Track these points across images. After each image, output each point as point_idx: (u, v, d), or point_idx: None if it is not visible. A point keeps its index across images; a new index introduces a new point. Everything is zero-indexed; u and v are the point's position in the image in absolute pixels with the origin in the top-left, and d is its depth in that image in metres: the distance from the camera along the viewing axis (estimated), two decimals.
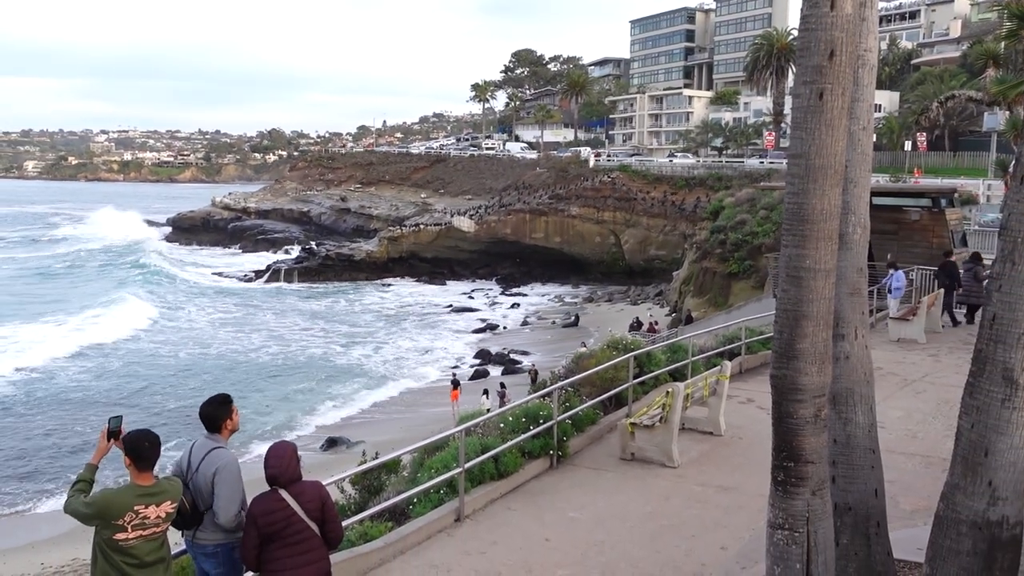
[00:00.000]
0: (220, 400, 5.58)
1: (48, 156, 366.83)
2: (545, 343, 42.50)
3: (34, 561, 18.31)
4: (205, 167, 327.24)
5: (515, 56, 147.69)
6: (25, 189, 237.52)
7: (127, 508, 4.81)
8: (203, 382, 34.02)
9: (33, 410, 30.26)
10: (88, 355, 38.35)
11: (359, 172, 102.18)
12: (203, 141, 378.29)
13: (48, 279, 64.82)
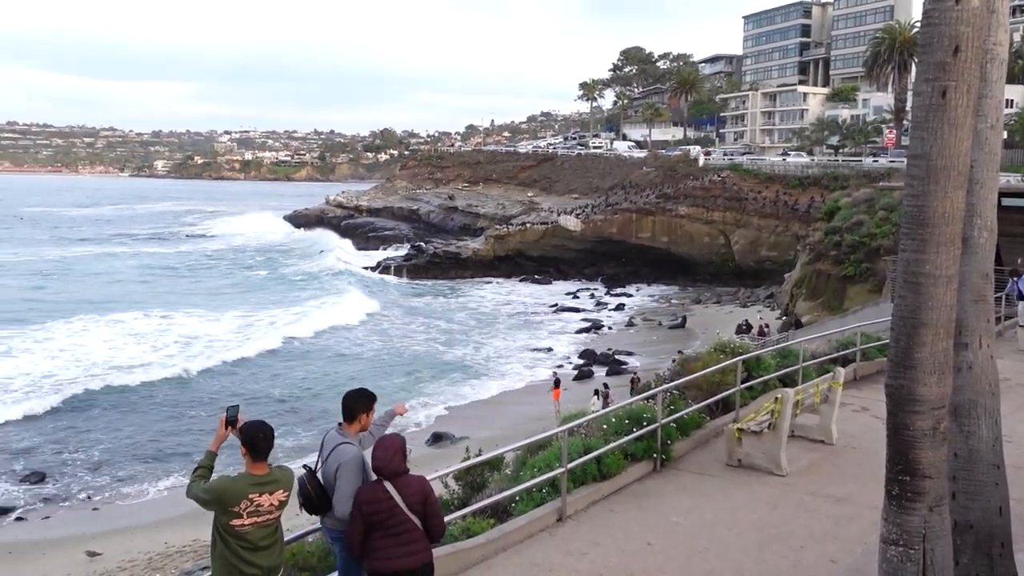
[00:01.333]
0: (364, 394, 5.88)
1: (176, 156, 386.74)
2: (651, 344, 42.04)
3: (157, 540, 19.36)
4: (320, 166, 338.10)
5: (623, 54, 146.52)
6: (156, 187, 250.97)
7: (242, 496, 5.07)
8: (309, 373, 35.07)
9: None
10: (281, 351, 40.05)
11: (467, 171, 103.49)
12: (318, 141, 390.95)
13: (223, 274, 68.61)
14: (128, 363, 35.66)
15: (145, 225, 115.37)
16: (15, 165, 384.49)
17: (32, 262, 72.22)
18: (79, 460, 25.09)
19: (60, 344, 39.01)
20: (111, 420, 28.52)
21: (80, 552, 18.87)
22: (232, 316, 47.32)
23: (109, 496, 22.86)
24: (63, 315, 45.47)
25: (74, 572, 17.93)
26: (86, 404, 29.87)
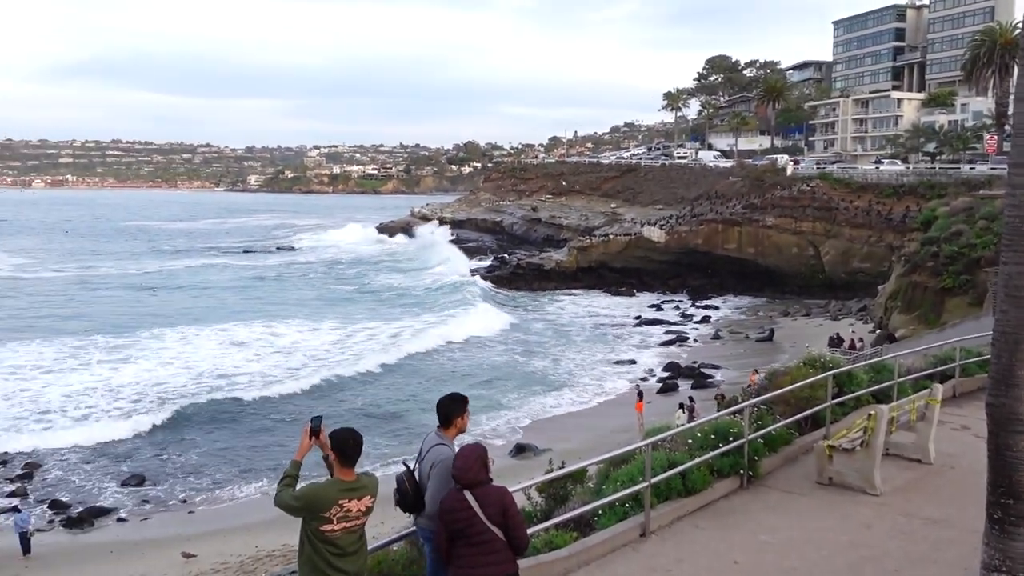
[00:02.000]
0: (456, 398, 6.04)
1: (268, 170, 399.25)
2: (737, 357, 41.24)
3: (249, 543, 19.94)
4: (405, 179, 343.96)
5: (709, 63, 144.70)
6: (248, 201, 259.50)
7: (332, 502, 5.21)
8: (394, 382, 35.55)
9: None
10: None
11: (550, 183, 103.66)
12: (404, 154, 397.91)
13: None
14: (232, 372, 36.78)
15: (239, 238, 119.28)
16: (119, 181, 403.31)
17: (132, 275, 75.27)
18: (177, 465, 26.03)
19: (169, 353, 40.41)
20: (211, 427, 29.43)
21: (176, 553, 19.58)
22: (328, 327, 48.20)
23: (204, 500, 23.66)
24: (167, 325, 47.15)
25: (171, 572, 18.62)
26: (189, 412, 30.87)
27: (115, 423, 29.37)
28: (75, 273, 76.47)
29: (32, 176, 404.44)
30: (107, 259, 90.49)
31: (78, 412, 30.42)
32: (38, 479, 24.71)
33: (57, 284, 69.05)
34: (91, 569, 19.11)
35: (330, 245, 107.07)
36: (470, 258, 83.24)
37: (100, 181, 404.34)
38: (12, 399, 31.83)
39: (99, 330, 45.57)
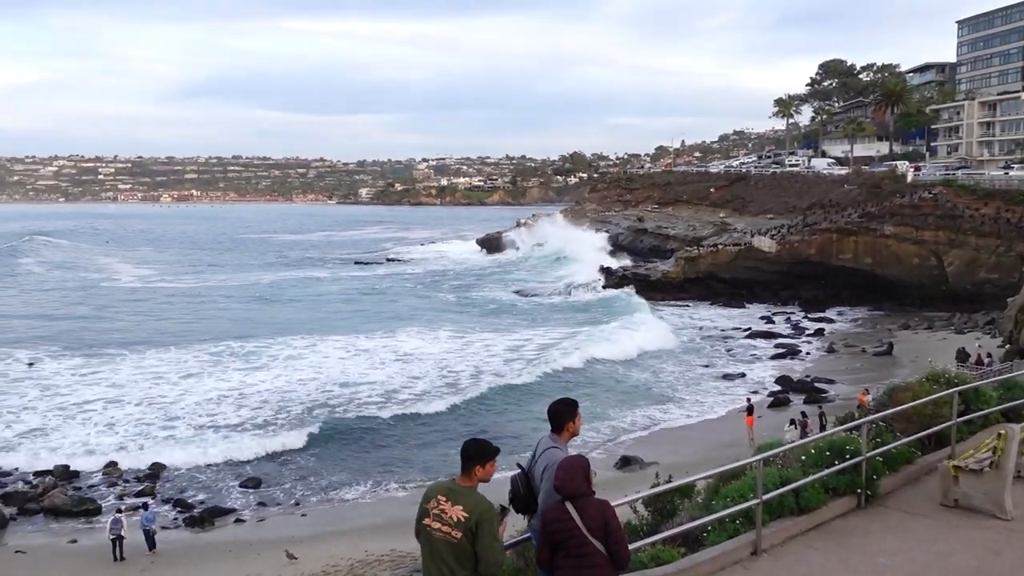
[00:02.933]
0: (567, 402, 6.10)
1: (378, 183, 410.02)
2: (853, 372, 39.69)
3: (359, 547, 20.41)
4: (511, 190, 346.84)
5: (823, 67, 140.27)
6: (360, 213, 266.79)
7: (433, 495, 5.31)
8: (511, 399, 35.51)
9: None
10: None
11: (656, 192, 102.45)
12: (510, 166, 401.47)
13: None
14: (355, 380, 37.64)
15: (350, 250, 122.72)
16: (239, 195, 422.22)
17: (248, 286, 78.22)
18: (293, 468, 26.85)
19: (294, 362, 41.53)
20: (329, 433, 30.07)
21: (288, 553, 20.23)
22: (446, 335, 48.80)
23: (317, 503, 24.36)
24: (288, 334, 48.50)
25: (285, 573, 19.23)
26: (309, 418, 31.74)
27: (240, 427, 30.54)
28: (192, 284, 79.79)
29: (160, 191, 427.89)
30: (223, 270, 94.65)
31: (207, 417, 31.64)
32: (164, 479, 25.91)
33: (177, 294, 72.59)
34: (211, 566, 19.94)
35: (438, 256, 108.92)
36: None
37: (222, 195, 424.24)
38: (152, 403, 33.45)
39: (225, 339, 47.27)
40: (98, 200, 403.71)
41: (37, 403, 33.60)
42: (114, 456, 27.36)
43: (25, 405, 33.31)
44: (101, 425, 30.76)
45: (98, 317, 58.56)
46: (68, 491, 24.40)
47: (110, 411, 32.39)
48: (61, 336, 49.15)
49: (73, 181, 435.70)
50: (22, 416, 31.82)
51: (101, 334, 50.35)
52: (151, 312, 61.25)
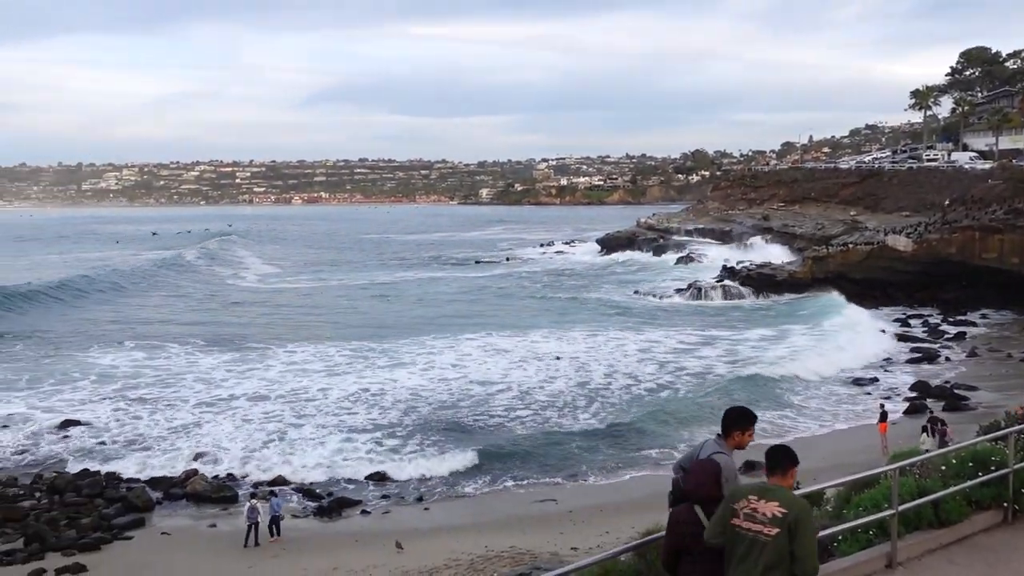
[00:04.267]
0: (744, 413, 6.19)
1: (498, 184, 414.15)
2: (998, 378, 37.33)
3: (479, 543, 20.70)
4: (631, 189, 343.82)
5: (964, 56, 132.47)
6: (480, 213, 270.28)
7: (742, 495, 5.35)
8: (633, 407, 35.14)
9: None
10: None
11: (782, 190, 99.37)
12: (630, 165, 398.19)
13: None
14: (492, 379, 37.99)
15: (470, 249, 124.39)
16: (365, 197, 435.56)
17: (373, 285, 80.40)
18: (416, 462, 27.41)
19: (425, 359, 42.34)
20: (464, 429, 30.63)
21: (414, 545, 20.74)
22: (579, 335, 48.45)
23: (439, 496, 24.84)
24: (419, 334, 49.41)
25: (407, 564, 19.70)
26: (440, 414, 32.37)
27: (376, 423, 31.44)
28: (314, 284, 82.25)
29: (292, 194, 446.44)
30: (343, 269, 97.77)
31: (345, 415, 32.50)
32: (297, 468, 26.99)
33: (303, 292, 75.49)
34: (336, 554, 20.66)
35: (558, 255, 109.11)
36: (697, 268, 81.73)
37: (349, 197, 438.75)
38: (294, 399, 34.83)
39: (359, 338, 48.59)
40: (235, 203, 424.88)
41: (196, 395, 35.76)
42: (255, 445, 28.83)
43: (182, 397, 35.45)
44: (244, 418, 32.24)
45: (233, 313, 61.77)
46: (208, 478, 25.78)
47: (256, 406, 33.91)
48: (209, 332, 51.98)
49: (213, 185, 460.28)
50: (179, 407, 33.91)
51: (240, 330, 53.09)
52: (280, 310, 64.00)
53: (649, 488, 24.91)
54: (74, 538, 21.71)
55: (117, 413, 33.26)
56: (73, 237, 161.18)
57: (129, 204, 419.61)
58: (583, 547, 20.10)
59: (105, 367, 41.56)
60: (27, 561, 20.54)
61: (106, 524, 22.66)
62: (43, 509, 23.70)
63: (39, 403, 34.68)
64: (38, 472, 26.68)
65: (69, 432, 30.81)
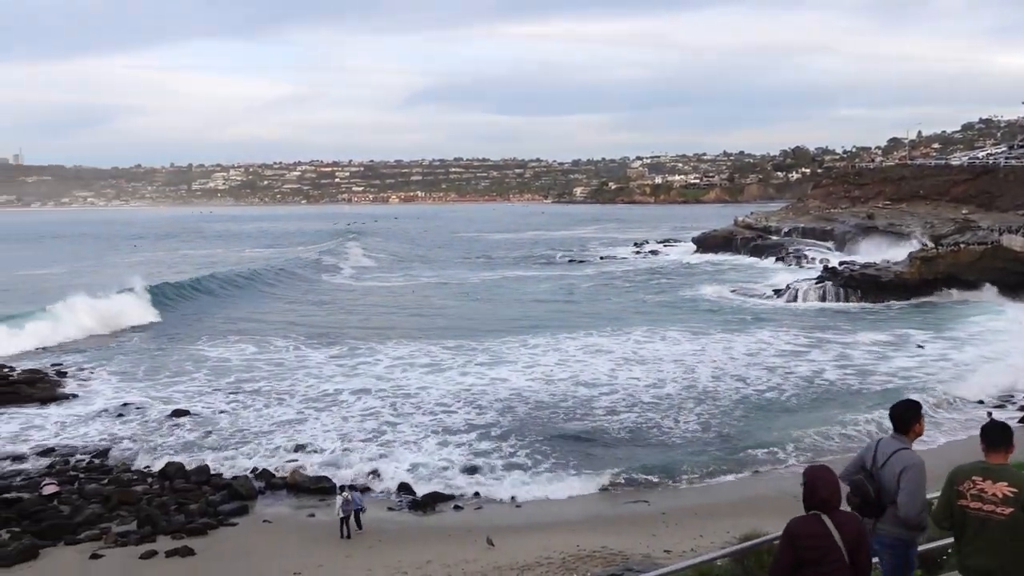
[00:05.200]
0: (911, 403, 6.30)
1: (592, 182, 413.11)
2: None
3: (571, 542, 20.66)
4: (728, 188, 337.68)
5: None
6: (573, 212, 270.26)
7: (966, 477, 5.36)
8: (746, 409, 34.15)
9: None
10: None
11: (888, 188, 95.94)
12: (727, 162, 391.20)
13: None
14: (595, 380, 37.54)
15: (562, 248, 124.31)
16: (459, 195, 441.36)
17: (463, 283, 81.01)
18: (511, 460, 27.55)
19: (524, 359, 42.31)
20: (554, 429, 30.54)
21: (505, 542, 20.88)
22: (680, 336, 47.71)
23: (530, 494, 24.89)
24: (517, 332, 49.67)
25: (499, 559, 19.85)
26: (536, 413, 32.35)
27: (469, 421, 31.75)
28: (408, 282, 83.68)
29: (389, 193, 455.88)
30: (434, 267, 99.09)
31: (442, 413, 32.73)
32: (392, 460, 27.54)
33: (398, 289, 77.00)
34: (428, 548, 20.97)
35: (653, 254, 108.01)
36: (797, 268, 79.55)
37: (444, 196, 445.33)
38: (394, 395, 35.50)
39: (456, 336, 49.21)
40: (335, 202, 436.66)
41: (300, 389, 36.87)
42: (353, 439, 29.59)
43: (287, 391, 36.66)
44: (346, 413, 33.01)
45: (333, 308, 63.49)
46: (308, 470, 26.58)
47: (358, 401, 34.67)
48: (312, 327, 53.72)
49: (313, 185, 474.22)
50: (283, 400, 35.14)
51: (340, 325, 54.65)
52: (378, 306, 65.42)
53: (746, 492, 24.44)
54: (183, 522, 22.72)
55: (225, 404, 34.69)
56: (225, 236, 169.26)
57: (235, 203, 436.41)
58: (676, 550, 19.84)
59: (215, 359, 43.54)
60: (140, 543, 21.63)
61: (212, 510, 23.63)
62: (155, 494, 24.90)
63: (156, 393, 36.55)
64: (151, 459, 28.06)
65: (179, 421, 32.28)
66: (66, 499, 24.38)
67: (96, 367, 41.87)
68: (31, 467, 27.50)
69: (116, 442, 29.92)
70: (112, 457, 28.46)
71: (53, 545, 21.61)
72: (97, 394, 36.85)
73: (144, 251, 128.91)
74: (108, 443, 29.82)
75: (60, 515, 23.15)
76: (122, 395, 36.33)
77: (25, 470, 27.24)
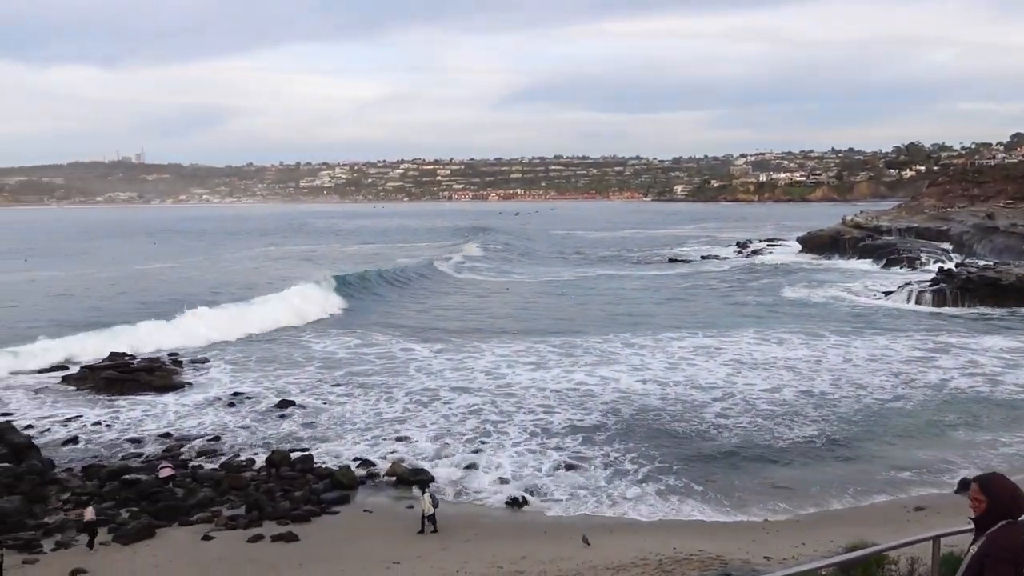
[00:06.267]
0: None
1: (694, 180, 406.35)
2: None
3: (667, 543, 20.40)
4: (836, 185, 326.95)
5: None
6: (674, 210, 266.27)
7: None
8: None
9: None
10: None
11: (1011, 186, 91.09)
12: (835, 160, 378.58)
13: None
14: (696, 381, 37.06)
15: (659, 247, 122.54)
16: (559, 193, 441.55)
17: (562, 281, 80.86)
18: (610, 460, 27.40)
19: (632, 360, 41.79)
20: (659, 430, 30.33)
21: (601, 541, 20.78)
22: (785, 339, 46.36)
23: (629, 495, 24.68)
24: (616, 330, 49.63)
25: (594, 559, 19.77)
26: (642, 416, 32.02)
27: (571, 420, 31.77)
28: (502, 279, 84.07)
29: (488, 191, 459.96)
30: (524, 263, 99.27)
31: (543, 413, 32.77)
32: (489, 459, 27.79)
33: (500, 286, 77.57)
34: (527, 544, 21.06)
35: (756, 253, 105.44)
36: (910, 270, 76.25)
37: (543, 194, 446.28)
38: (498, 393, 35.89)
39: (559, 331, 49.37)
40: (435, 199, 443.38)
41: (402, 383, 37.82)
42: (454, 435, 30.18)
43: (389, 384, 37.58)
44: (447, 410, 33.51)
45: (437, 305, 64.43)
46: (407, 463, 27.11)
47: (460, 397, 35.22)
48: (414, 323, 55.05)
49: (415, 183, 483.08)
50: (386, 394, 36.08)
51: (443, 322, 55.66)
52: (479, 302, 66.12)
53: (855, 502, 23.64)
54: (287, 509, 23.54)
55: (332, 396, 35.85)
56: (360, 232, 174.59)
57: (340, 200, 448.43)
58: (776, 557, 19.36)
59: (320, 352, 45.08)
60: (248, 527, 22.53)
61: (315, 498, 24.39)
62: (261, 480, 25.88)
63: (267, 384, 38.08)
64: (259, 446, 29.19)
65: (286, 411, 33.46)
66: (180, 482, 25.63)
67: (214, 356, 43.92)
68: (149, 451, 29.05)
69: (226, 430, 31.28)
70: (223, 444, 29.76)
71: (168, 525, 22.74)
72: (213, 382, 38.88)
73: (289, 245, 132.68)
74: (219, 430, 31.23)
75: (175, 497, 24.34)
76: (236, 385, 38.07)
77: (143, 453, 28.80)
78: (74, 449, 29.45)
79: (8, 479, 25.26)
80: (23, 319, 54.33)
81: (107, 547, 21.41)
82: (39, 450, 28.14)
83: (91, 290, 71.84)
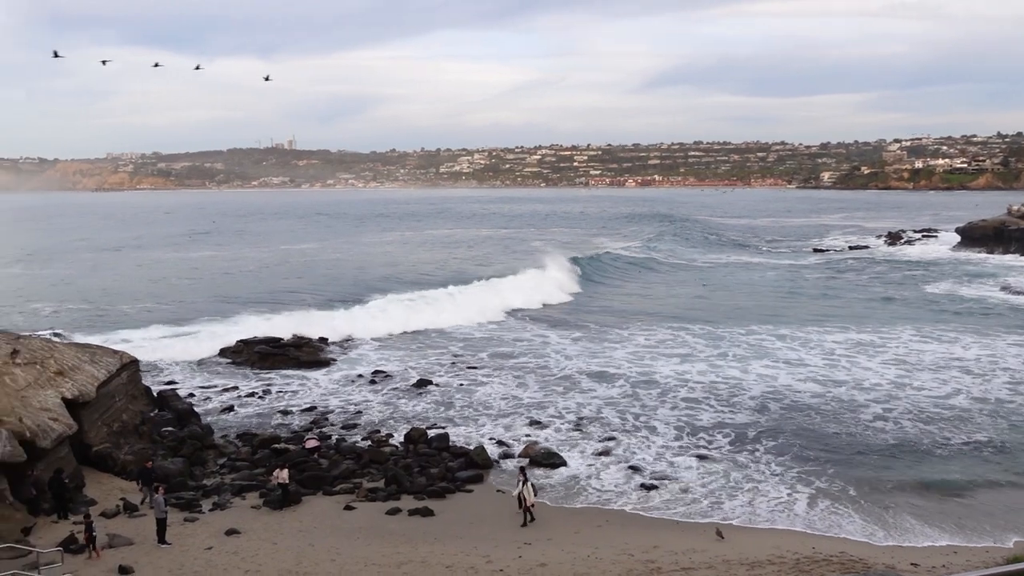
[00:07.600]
0: None
1: (842, 167, 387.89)
2: None
3: (806, 544, 19.77)
4: (1002, 173, 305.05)
5: None
6: (819, 198, 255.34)
7: None
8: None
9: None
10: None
11: None
12: (1001, 145, 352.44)
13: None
14: (864, 383, 35.30)
15: (803, 237, 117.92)
16: (698, 180, 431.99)
17: (701, 266, 79.65)
18: (756, 455, 26.92)
19: (781, 353, 40.77)
20: (809, 429, 29.40)
21: (735, 536, 20.37)
22: (969, 341, 43.28)
23: (765, 490, 24.01)
24: (760, 322, 48.46)
25: (728, 553, 19.40)
26: (791, 413, 31.20)
27: (715, 411, 31.47)
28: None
29: (626, 177, 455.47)
30: (677, 248, 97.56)
31: (687, 408, 32.27)
32: (623, 447, 27.73)
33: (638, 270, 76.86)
34: (659, 533, 20.94)
35: (908, 245, 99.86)
36: None
37: (682, 180, 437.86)
38: (633, 382, 35.79)
39: (705, 319, 49.16)
40: (572, 185, 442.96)
41: (542, 368, 38.38)
42: (590, 419, 30.51)
43: (528, 369, 38.22)
44: (588, 396, 33.77)
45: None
46: (541, 445, 27.45)
47: (600, 386, 35.31)
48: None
49: (552, 168, 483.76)
50: (523, 378, 36.77)
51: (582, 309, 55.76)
52: (629, 291, 65.84)
53: (1009, 508, 22.19)
54: (424, 484, 24.28)
55: (467, 377, 36.81)
56: (537, 216, 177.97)
57: (478, 185, 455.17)
58: (924, 564, 18.44)
59: (461, 337, 46.19)
60: (387, 499, 23.45)
61: (451, 476, 25.06)
62: (400, 455, 26.79)
63: (410, 364, 39.44)
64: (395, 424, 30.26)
65: (425, 390, 34.53)
66: (325, 453, 26.93)
67: (360, 334, 45.72)
68: (296, 423, 30.65)
69: (369, 407, 32.58)
70: (364, 419, 31.01)
71: (313, 494, 23.95)
72: (360, 359, 40.86)
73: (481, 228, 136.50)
74: (361, 407, 32.57)
75: (319, 467, 25.60)
76: (382, 363, 39.68)
77: (291, 424, 30.43)
78: (231, 417, 31.49)
79: (173, 443, 27.31)
80: (198, 296, 59.22)
81: (257, 510, 22.76)
82: (200, 416, 30.25)
83: (294, 271, 76.35)
